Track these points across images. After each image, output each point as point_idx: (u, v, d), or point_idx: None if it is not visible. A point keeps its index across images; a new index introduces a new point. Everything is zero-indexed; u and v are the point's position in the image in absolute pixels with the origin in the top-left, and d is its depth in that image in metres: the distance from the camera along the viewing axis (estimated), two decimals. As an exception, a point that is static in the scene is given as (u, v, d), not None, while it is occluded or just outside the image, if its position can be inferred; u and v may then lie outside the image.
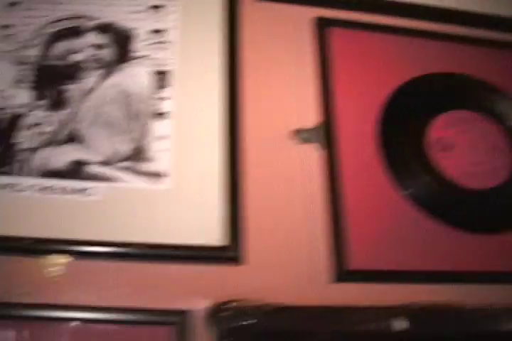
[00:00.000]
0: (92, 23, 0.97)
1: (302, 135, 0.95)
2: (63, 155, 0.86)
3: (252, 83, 0.96)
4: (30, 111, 0.89)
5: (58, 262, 0.81)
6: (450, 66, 1.02)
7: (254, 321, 0.79)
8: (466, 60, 1.03)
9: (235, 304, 0.80)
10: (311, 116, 0.96)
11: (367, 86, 0.98)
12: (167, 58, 0.96)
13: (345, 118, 0.95)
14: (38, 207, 0.83)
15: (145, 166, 0.87)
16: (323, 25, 1.02)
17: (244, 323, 0.78)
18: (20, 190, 0.83)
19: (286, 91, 0.98)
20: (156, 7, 1.00)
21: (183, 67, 0.95)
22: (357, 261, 0.85)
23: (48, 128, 0.88)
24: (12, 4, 0.97)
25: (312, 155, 0.94)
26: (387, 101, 0.98)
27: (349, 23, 1.03)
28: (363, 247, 0.87)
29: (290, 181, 0.91)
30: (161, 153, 0.88)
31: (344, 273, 0.85)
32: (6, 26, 0.95)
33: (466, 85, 1.01)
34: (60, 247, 0.81)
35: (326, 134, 0.95)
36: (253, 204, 0.87)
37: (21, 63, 0.92)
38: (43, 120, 0.88)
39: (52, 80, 0.92)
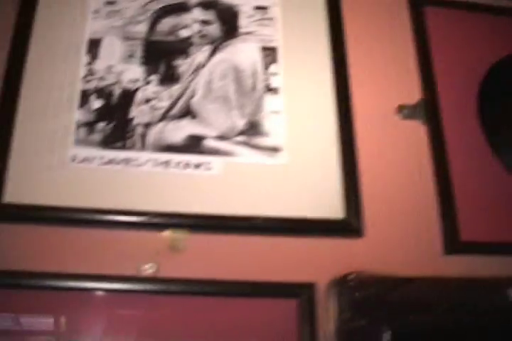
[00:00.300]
0: (195, 0, 0.96)
1: (405, 111, 0.94)
2: (179, 130, 0.85)
3: (354, 59, 0.94)
4: (142, 86, 0.88)
5: (180, 236, 0.80)
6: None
7: (376, 293, 0.78)
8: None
9: (356, 276, 0.79)
10: (413, 93, 0.95)
11: (465, 63, 0.97)
12: (272, 35, 0.94)
13: (446, 95, 0.94)
14: (157, 181, 0.82)
15: (260, 141, 0.86)
16: (418, 4, 1.01)
17: (365, 295, 0.78)
18: (139, 165, 0.82)
19: (389, 68, 0.97)
20: (257, -17, 0.99)
21: (289, 43, 0.94)
22: (467, 233, 0.84)
23: (161, 103, 0.87)
24: (115, -19, 0.96)
25: (418, 130, 0.92)
26: (485, 77, 0.96)
27: (442, 1, 1.02)
28: (471, 219, 0.85)
29: (400, 155, 0.90)
30: (275, 128, 0.87)
31: (456, 245, 0.84)
32: (112, 2, 0.94)
33: None
34: (180, 221, 0.80)
35: (428, 110, 0.93)
36: (367, 177, 0.85)
37: (130, 39, 0.91)
38: (155, 95, 0.87)
39: (161, 56, 0.91)
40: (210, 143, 0.85)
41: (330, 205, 0.83)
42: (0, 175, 0.79)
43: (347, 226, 0.82)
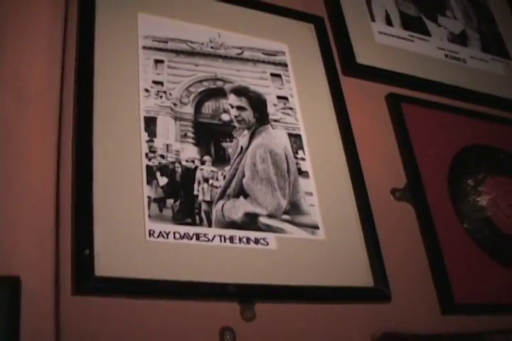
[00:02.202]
0: (229, 86, 1.14)
1: (397, 194, 1.22)
2: (236, 208, 1.03)
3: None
4: (199, 165, 1.04)
5: (250, 307, 0.97)
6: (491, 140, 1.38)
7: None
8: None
9: (392, 335, 1.03)
10: (402, 177, 1.24)
11: (436, 149, 1.28)
12: (295, 123, 1.17)
13: (428, 178, 1.24)
14: (224, 255, 0.99)
15: (301, 219, 1.07)
16: (395, 100, 1.31)
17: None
18: (208, 240, 0.98)
19: (379, 152, 1.24)
20: (275, 75, 1.21)
21: (308, 131, 1.17)
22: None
23: (218, 183, 1.04)
24: (157, 61, 1.11)
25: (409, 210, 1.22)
26: (451, 163, 1.29)
27: (414, 99, 1.34)
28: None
29: (398, 232, 1.17)
30: (311, 208, 1.09)
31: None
32: (159, 82, 1.09)
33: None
34: (250, 291, 0.98)
35: (413, 194, 1.23)
36: (388, 251, 1.11)
37: (181, 119, 1.07)
38: (211, 175, 1.04)
39: (210, 137, 1.08)
40: (263, 220, 1.04)
41: (361, 275, 1.06)
42: (90, 256, 0.89)
43: (375, 292, 1.06)
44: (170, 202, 0.99)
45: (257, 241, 1.01)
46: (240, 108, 1.14)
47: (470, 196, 1.30)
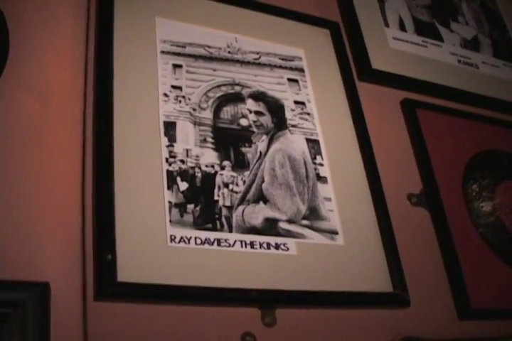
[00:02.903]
0: (247, 91, 1.14)
1: (412, 199, 1.22)
2: (256, 213, 1.02)
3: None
4: (219, 171, 1.03)
5: (271, 312, 0.97)
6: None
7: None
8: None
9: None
10: (418, 182, 1.24)
11: (450, 154, 1.28)
12: (312, 128, 1.16)
13: (443, 184, 1.24)
14: (245, 260, 0.98)
15: (320, 224, 1.07)
16: (410, 105, 1.31)
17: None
18: (229, 245, 0.98)
19: (395, 157, 1.24)
20: (292, 80, 1.20)
21: (326, 137, 1.17)
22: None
23: (238, 188, 1.03)
24: (176, 66, 1.10)
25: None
26: (465, 168, 1.29)
27: (429, 104, 1.33)
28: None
29: (414, 237, 1.17)
30: (330, 213, 1.08)
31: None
32: (178, 87, 1.08)
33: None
34: (270, 297, 0.97)
35: (428, 199, 1.22)
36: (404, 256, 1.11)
37: (200, 124, 1.06)
38: (231, 180, 1.04)
39: (229, 142, 1.07)
40: (283, 225, 1.03)
41: (380, 280, 1.06)
42: (112, 262, 0.88)
43: (394, 298, 1.05)
44: (190, 207, 0.98)
45: (277, 246, 1.01)
46: (258, 113, 1.13)
47: (484, 200, 1.30)
